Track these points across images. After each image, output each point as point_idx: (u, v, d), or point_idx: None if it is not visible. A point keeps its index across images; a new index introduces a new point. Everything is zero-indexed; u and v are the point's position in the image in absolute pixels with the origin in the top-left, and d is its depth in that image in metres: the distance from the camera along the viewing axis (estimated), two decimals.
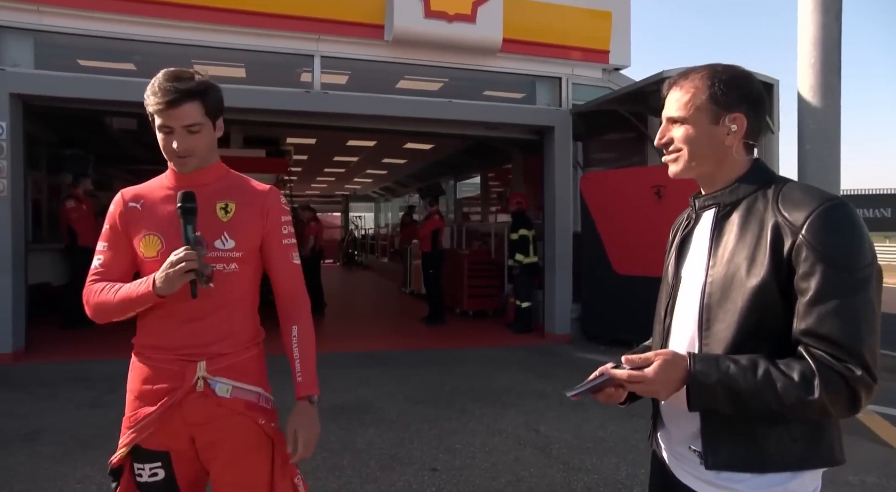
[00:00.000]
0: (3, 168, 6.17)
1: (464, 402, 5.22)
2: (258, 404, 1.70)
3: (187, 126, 1.60)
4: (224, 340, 1.66)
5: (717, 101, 1.31)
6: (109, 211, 1.72)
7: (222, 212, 1.68)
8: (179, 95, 1.56)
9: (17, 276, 6.25)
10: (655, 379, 1.21)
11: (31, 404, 4.93)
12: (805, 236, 1.17)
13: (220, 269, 1.64)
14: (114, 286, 1.65)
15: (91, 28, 6.46)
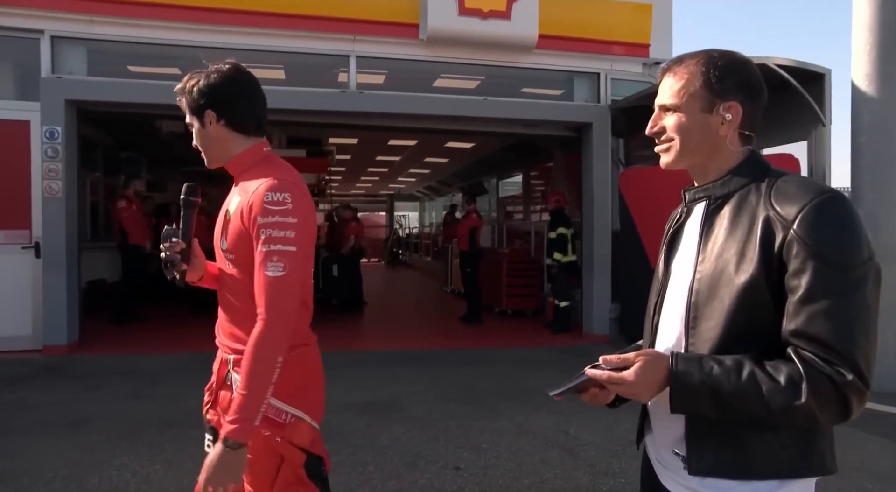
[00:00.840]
0: (59, 170, 6.50)
1: (494, 401, 5.18)
2: (264, 415, 1.58)
3: (189, 124, 1.68)
4: (236, 339, 1.65)
5: (711, 88, 1.24)
6: None
7: (229, 210, 1.67)
8: (177, 95, 1.66)
9: (70, 273, 6.56)
10: (636, 381, 1.16)
11: (79, 393, 5.18)
12: (796, 231, 1.10)
13: (224, 267, 1.68)
14: None
15: (139, 35, 6.73)
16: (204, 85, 1.64)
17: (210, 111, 1.64)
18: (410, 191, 25.63)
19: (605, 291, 7.68)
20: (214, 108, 1.64)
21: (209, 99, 1.64)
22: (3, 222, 6.52)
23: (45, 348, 6.42)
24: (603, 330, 7.66)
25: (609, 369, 1.18)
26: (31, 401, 4.95)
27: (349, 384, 5.58)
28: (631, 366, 1.17)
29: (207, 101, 1.64)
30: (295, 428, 1.63)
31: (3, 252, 6.50)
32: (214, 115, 1.64)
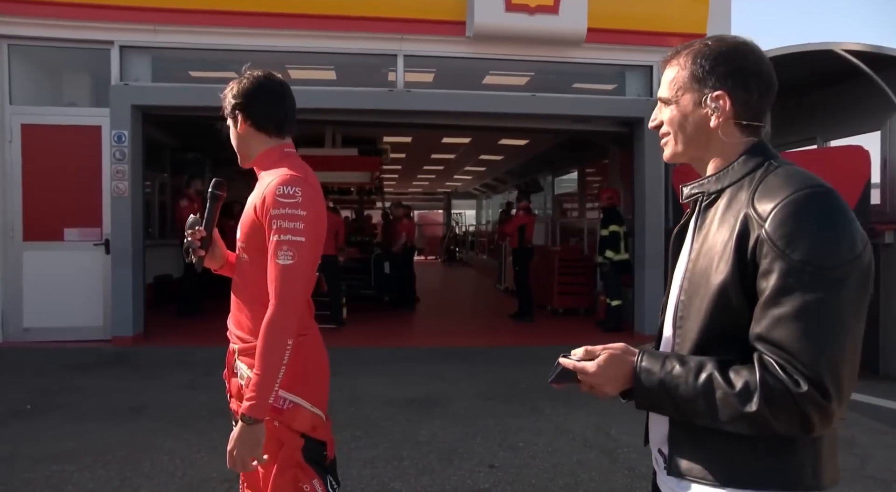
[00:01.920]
0: (126, 172, 6.90)
1: (535, 400, 5.13)
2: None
3: (228, 124, 1.85)
4: (242, 327, 1.77)
5: (698, 78, 1.19)
6: None
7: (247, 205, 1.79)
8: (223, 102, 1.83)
9: (136, 269, 6.97)
10: (598, 373, 1.16)
11: (140, 382, 5.50)
12: (767, 230, 1.05)
13: (241, 258, 1.79)
14: None
15: (199, 42, 7.05)
16: (236, 90, 1.80)
17: (240, 114, 1.79)
18: (467, 188, 25.67)
19: (657, 290, 7.44)
20: (243, 110, 1.78)
21: (239, 102, 1.79)
22: (77, 221, 6.99)
23: (114, 339, 6.85)
24: (654, 330, 7.32)
25: (576, 359, 1.19)
26: (99, 388, 5.30)
27: (394, 379, 5.66)
28: (595, 357, 1.17)
29: (238, 104, 1.79)
30: (293, 414, 1.71)
31: (77, 249, 6.97)
32: (242, 117, 1.78)
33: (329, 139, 9.75)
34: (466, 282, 16.43)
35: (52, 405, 4.80)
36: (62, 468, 3.61)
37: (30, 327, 6.88)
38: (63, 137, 6.99)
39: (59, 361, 6.12)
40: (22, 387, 5.24)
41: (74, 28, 6.81)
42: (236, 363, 1.80)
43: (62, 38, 6.90)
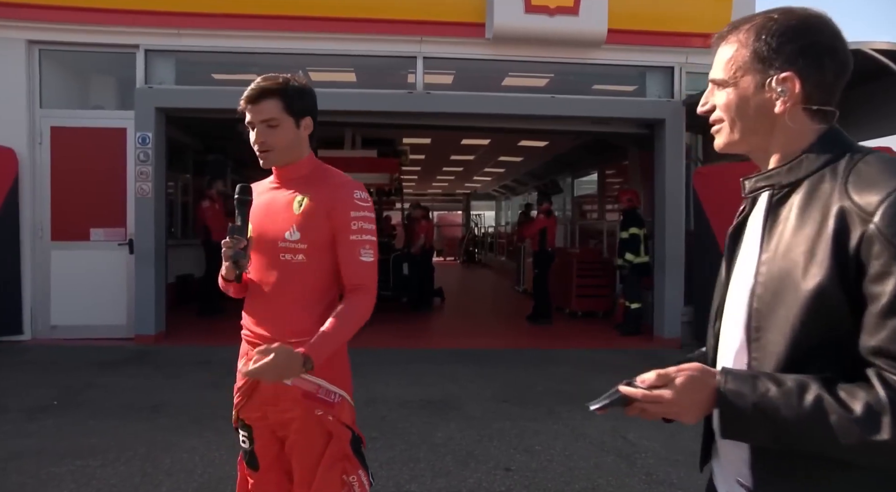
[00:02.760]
0: (149, 173, 7.03)
1: (552, 403, 5.11)
2: (315, 395, 1.76)
3: (265, 121, 1.75)
4: (287, 327, 1.76)
5: (762, 57, 1.04)
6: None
7: (297, 205, 1.79)
8: (259, 92, 1.74)
9: (158, 268, 7.09)
10: (677, 400, 0.99)
11: (160, 380, 5.59)
12: (878, 225, 0.91)
13: (288, 259, 1.77)
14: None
15: (221, 45, 7.16)
16: (307, 93, 1.80)
17: (309, 118, 1.80)
18: (486, 190, 25.65)
19: (677, 293, 7.38)
20: (312, 114, 1.80)
21: (311, 106, 1.80)
22: (103, 221, 7.14)
23: (136, 337, 6.98)
24: (674, 333, 7.36)
25: (645, 387, 1.03)
26: (122, 385, 5.40)
27: (410, 381, 5.68)
28: (668, 382, 1.01)
29: (309, 107, 1.79)
30: (342, 407, 1.80)
31: (102, 248, 7.12)
32: (309, 121, 1.80)
33: (349, 141, 9.81)
34: (484, 283, 16.42)
35: (77, 401, 4.91)
36: (86, 464, 3.69)
37: (57, 325, 7.04)
38: (90, 139, 7.15)
39: (84, 359, 6.25)
40: (49, 383, 5.37)
41: (101, 33, 6.96)
42: None
43: (90, 43, 7.06)
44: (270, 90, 1.74)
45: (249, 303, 1.86)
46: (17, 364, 6.11)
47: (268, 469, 1.88)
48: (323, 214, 1.74)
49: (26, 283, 6.96)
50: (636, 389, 1.05)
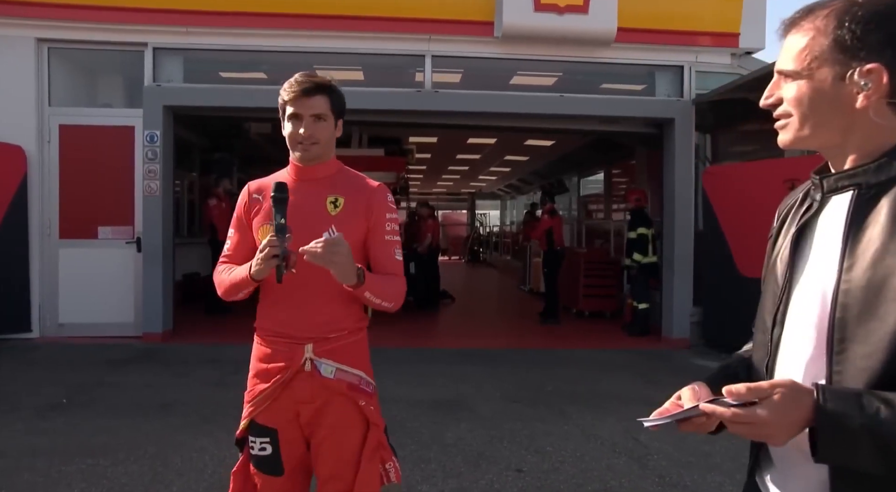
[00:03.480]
0: (157, 171, 7.03)
1: (563, 404, 5.09)
2: (359, 387, 1.83)
3: (315, 114, 1.79)
4: (327, 324, 1.80)
5: (844, 47, 0.96)
6: (238, 201, 1.95)
7: (332, 206, 1.82)
8: (313, 86, 1.79)
9: (166, 266, 7.09)
10: (772, 420, 0.90)
11: (169, 378, 5.59)
12: None
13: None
14: (231, 269, 1.87)
15: (229, 43, 7.14)
16: (343, 96, 1.88)
17: (341, 120, 1.89)
18: (491, 189, 25.61)
19: (686, 293, 7.34)
20: (344, 118, 1.90)
21: (345, 109, 1.88)
22: (111, 219, 7.14)
23: (144, 335, 6.98)
24: (683, 334, 7.32)
25: (735, 402, 0.92)
26: (130, 383, 5.39)
27: (420, 381, 5.66)
28: (763, 399, 0.91)
29: (344, 109, 1.88)
30: (376, 397, 1.88)
31: (111, 246, 7.12)
32: (341, 123, 1.89)
33: (356, 139, 9.80)
34: (490, 283, 16.39)
35: (86, 400, 4.91)
36: (97, 462, 3.68)
37: (64, 323, 7.05)
38: (98, 138, 7.15)
39: (93, 357, 6.25)
40: (58, 381, 5.36)
41: (110, 31, 6.95)
42: (308, 362, 1.79)
43: (98, 41, 7.05)
44: (322, 86, 1.80)
45: (272, 305, 1.84)
46: (26, 362, 6.11)
47: (293, 472, 1.87)
48: (361, 215, 1.80)
49: (34, 281, 6.97)
50: (723, 406, 0.93)
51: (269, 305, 1.85)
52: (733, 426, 0.93)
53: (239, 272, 1.80)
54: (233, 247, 1.93)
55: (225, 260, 1.92)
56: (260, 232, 1.84)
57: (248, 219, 1.89)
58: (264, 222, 1.82)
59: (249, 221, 1.89)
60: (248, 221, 1.89)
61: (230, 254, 1.92)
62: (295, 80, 1.80)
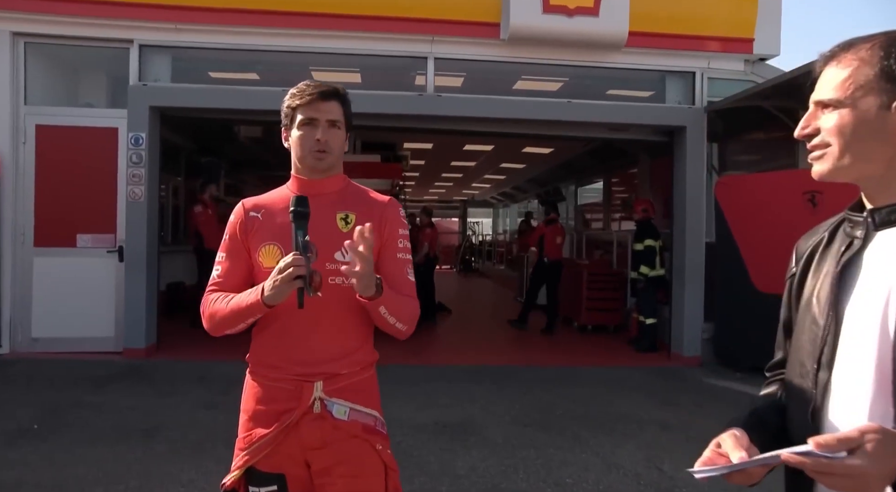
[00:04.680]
0: (142, 176, 6.69)
1: (577, 428, 4.83)
2: (375, 428, 1.69)
3: (331, 120, 1.68)
4: (341, 358, 1.65)
5: (891, 76, 0.97)
6: (230, 220, 1.75)
7: (342, 222, 1.69)
8: (330, 90, 1.69)
9: (150, 276, 6.73)
10: (868, 470, 0.84)
11: (153, 399, 5.23)
12: None
13: (338, 282, 1.61)
14: (227, 296, 1.65)
15: (221, 41, 6.84)
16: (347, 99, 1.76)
17: (349, 133, 1.78)
18: (484, 197, 25.42)
19: (697, 308, 7.12)
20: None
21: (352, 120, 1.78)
22: (91, 226, 6.77)
23: (125, 351, 6.61)
24: (694, 351, 7.10)
25: (824, 453, 0.87)
26: (110, 405, 5.04)
27: (422, 402, 5.37)
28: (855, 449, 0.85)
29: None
30: (388, 438, 1.74)
31: (90, 255, 6.75)
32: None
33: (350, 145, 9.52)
34: (485, 293, 16.11)
35: (62, 424, 4.55)
36: None
37: (38, 337, 6.65)
38: (78, 139, 6.78)
39: (69, 375, 5.88)
40: (30, 402, 5.00)
41: (93, 26, 6.62)
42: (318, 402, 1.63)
43: (80, 37, 6.71)
44: (337, 92, 1.71)
45: (274, 336, 1.66)
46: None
47: None
48: (374, 232, 1.60)
49: (6, 292, 6.57)
50: (816, 458, 0.86)
51: (272, 336, 1.66)
52: (825, 478, 0.88)
53: (242, 298, 1.59)
54: (224, 273, 1.72)
55: (215, 288, 1.71)
56: (262, 253, 1.67)
57: (244, 240, 1.70)
58: (266, 242, 1.67)
59: (246, 242, 1.70)
60: (244, 242, 1.70)
61: (221, 281, 1.71)
62: (306, 85, 1.70)
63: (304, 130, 1.67)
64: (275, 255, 1.64)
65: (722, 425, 1.11)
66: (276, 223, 1.67)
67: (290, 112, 1.70)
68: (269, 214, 1.70)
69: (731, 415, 1.14)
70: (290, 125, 1.70)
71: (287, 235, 1.59)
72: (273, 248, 1.66)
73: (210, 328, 1.69)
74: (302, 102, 1.66)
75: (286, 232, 1.60)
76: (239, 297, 1.61)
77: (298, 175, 1.73)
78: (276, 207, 1.71)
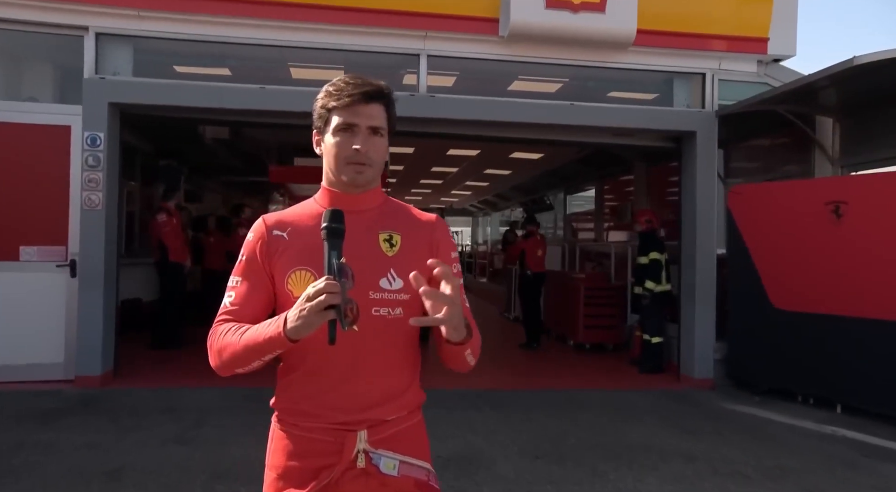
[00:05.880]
0: (100, 180, 6.34)
1: (593, 460, 4.68)
2: (428, 484, 1.57)
3: (374, 127, 1.51)
4: (388, 402, 1.52)
5: None
6: (248, 240, 1.58)
7: (387, 245, 1.56)
8: (374, 90, 1.52)
9: (108, 293, 6.36)
10: None
11: (115, 434, 4.89)
12: None
13: (383, 313, 1.49)
14: (240, 327, 1.47)
15: (189, 32, 6.55)
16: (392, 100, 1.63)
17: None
18: (463, 205, 25.30)
19: (708, 326, 7.07)
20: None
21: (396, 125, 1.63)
22: (37, 238, 6.36)
23: (77, 379, 6.22)
24: (706, 373, 7.03)
25: None
26: (64, 443, 4.68)
27: None
28: None
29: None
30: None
31: (36, 270, 6.33)
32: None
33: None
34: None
35: (4, 470, 4.16)
36: None
37: None
38: (21, 138, 6.36)
39: (12, 409, 5.47)
40: None
41: (41, 9, 6.27)
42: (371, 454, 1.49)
43: (26, 21, 6.33)
44: (382, 92, 1.54)
45: (307, 376, 1.51)
46: None
47: None
48: (424, 256, 1.52)
49: None
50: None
51: (305, 377, 1.51)
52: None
53: (259, 331, 1.40)
54: (239, 300, 1.54)
55: (227, 317, 1.53)
56: (291, 280, 1.51)
57: (266, 264, 1.54)
58: (296, 266, 1.51)
59: (269, 266, 1.54)
60: (266, 266, 1.54)
61: (235, 309, 1.53)
62: (345, 82, 1.52)
63: (340, 138, 1.50)
64: (307, 282, 1.48)
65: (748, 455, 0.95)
66: (307, 244, 1.52)
67: (324, 114, 1.54)
68: (297, 233, 1.55)
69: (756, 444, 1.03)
70: (324, 129, 1.54)
71: (321, 259, 1.44)
72: (305, 274, 1.50)
73: (218, 366, 1.50)
74: (340, 104, 1.50)
75: (319, 254, 1.45)
76: (255, 328, 1.43)
77: (331, 188, 1.58)
78: (304, 224, 1.56)
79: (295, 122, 6.86)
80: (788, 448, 4.94)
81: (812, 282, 6.07)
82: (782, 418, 5.87)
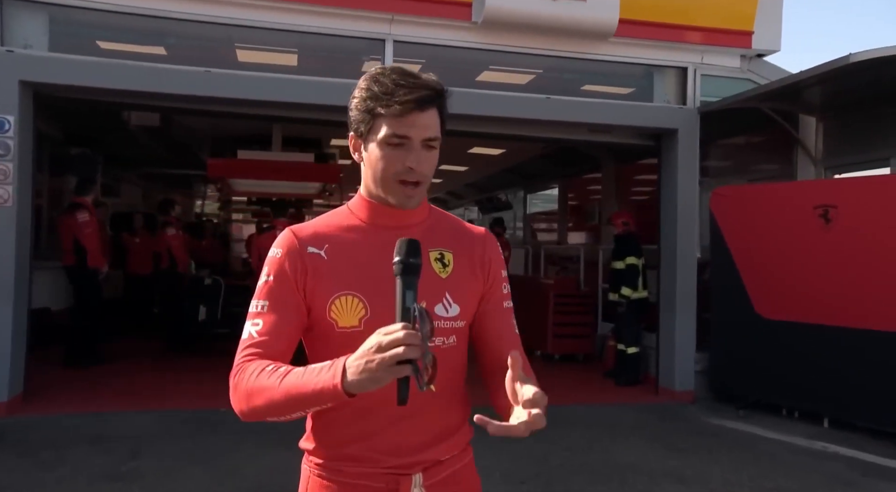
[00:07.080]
0: (10, 172, 5.88)
1: (581, 484, 4.68)
2: None
3: (428, 140, 1.38)
4: (443, 441, 1.47)
5: None
6: (273, 256, 1.43)
7: (439, 265, 1.47)
8: (428, 95, 1.36)
9: (19, 306, 5.89)
10: None
11: (34, 474, 4.49)
12: None
13: (437, 343, 1.41)
14: (277, 368, 1.30)
15: (117, 2, 6.15)
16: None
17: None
18: None
19: (688, 336, 7.18)
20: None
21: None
22: None
23: None
24: (686, 386, 7.13)
25: None
26: None
27: None
28: None
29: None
30: None
31: None
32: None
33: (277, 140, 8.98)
34: None
35: None
36: None
37: None
38: None
39: None
40: None
41: None
42: None
43: None
44: (438, 95, 1.40)
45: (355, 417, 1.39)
46: None
47: None
48: (477, 276, 1.52)
49: None
50: None
51: (347, 418, 1.40)
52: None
53: (307, 378, 1.24)
54: (268, 328, 1.39)
55: (253, 353, 1.37)
56: (334, 308, 1.39)
57: (301, 286, 1.40)
58: (340, 291, 1.39)
59: (304, 288, 1.40)
60: (300, 288, 1.40)
61: (265, 341, 1.38)
62: (395, 83, 1.36)
63: (389, 152, 1.37)
64: (357, 311, 1.38)
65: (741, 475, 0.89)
66: (353, 264, 1.41)
67: (367, 118, 1.39)
68: (337, 250, 1.43)
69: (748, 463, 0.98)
70: (367, 136, 1.41)
71: (374, 284, 1.38)
72: (352, 300, 1.38)
73: (245, 412, 1.35)
74: (389, 113, 1.35)
75: (367, 276, 1.40)
76: (300, 374, 1.26)
77: (373, 200, 1.46)
78: (345, 240, 1.45)
79: (244, 110, 6.59)
80: (783, 467, 5.03)
81: (799, 289, 6.23)
82: (770, 434, 6.00)
